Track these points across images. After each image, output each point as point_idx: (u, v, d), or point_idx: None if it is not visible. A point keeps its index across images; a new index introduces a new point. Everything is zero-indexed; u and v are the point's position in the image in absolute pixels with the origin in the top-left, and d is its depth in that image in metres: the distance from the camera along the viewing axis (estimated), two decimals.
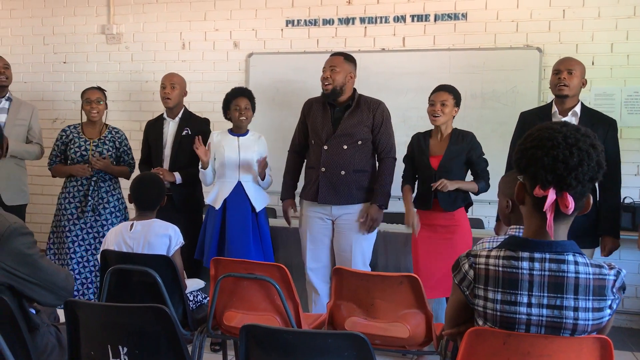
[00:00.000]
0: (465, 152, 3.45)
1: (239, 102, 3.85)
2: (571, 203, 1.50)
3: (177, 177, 3.98)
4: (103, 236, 4.04)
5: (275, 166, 3.98)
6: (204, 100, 5.15)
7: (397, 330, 2.55)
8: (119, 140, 4.24)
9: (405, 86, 4.75)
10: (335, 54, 3.75)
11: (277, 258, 3.98)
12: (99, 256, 3.95)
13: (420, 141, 3.56)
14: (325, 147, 3.63)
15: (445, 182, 3.33)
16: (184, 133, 4.08)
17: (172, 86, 4.08)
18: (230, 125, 3.95)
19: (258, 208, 3.79)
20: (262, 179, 3.81)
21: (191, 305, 2.99)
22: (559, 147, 1.50)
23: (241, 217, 3.76)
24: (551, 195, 1.50)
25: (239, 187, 3.79)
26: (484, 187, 3.48)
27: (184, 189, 4.02)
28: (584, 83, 3.40)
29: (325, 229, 3.70)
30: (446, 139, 3.48)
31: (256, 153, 3.84)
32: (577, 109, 3.38)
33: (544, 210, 1.51)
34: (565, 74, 3.32)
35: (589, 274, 1.53)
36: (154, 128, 4.21)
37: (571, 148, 1.50)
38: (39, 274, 1.96)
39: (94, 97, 4.15)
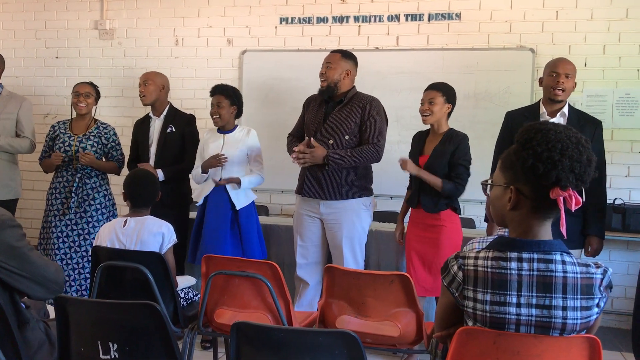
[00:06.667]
0: (449, 153, 3.40)
1: (213, 100, 3.84)
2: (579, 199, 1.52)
3: (160, 174, 3.92)
4: (88, 233, 4.02)
5: (268, 164, 3.96)
6: (197, 97, 5.13)
7: (388, 329, 2.56)
8: (106, 136, 4.18)
9: (398, 85, 4.75)
10: (334, 51, 3.75)
11: (270, 256, 3.97)
12: (84, 252, 3.97)
13: (416, 140, 3.59)
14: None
15: (406, 161, 3.39)
16: (168, 130, 4.06)
17: (145, 83, 4.08)
18: None
19: (238, 206, 3.75)
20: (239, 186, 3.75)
21: (182, 303, 2.98)
22: (569, 147, 1.51)
23: (218, 215, 3.74)
24: (572, 194, 1.51)
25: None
26: (450, 189, 3.36)
27: (171, 185, 3.95)
28: (574, 85, 3.40)
29: (314, 227, 3.71)
30: (438, 138, 3.48)
31: (243, 149, 3.81)
32: (565, 109, 3.36)
33: (573, 210, 1.51)
34: (563, 77, 3.28)
35: (577, 273, 1.54)
36: (141, 127, 4.21)
37: (577, 146, 1.52)
38: (29, 267, 1.95)
39: (82, 91, 4.13)
